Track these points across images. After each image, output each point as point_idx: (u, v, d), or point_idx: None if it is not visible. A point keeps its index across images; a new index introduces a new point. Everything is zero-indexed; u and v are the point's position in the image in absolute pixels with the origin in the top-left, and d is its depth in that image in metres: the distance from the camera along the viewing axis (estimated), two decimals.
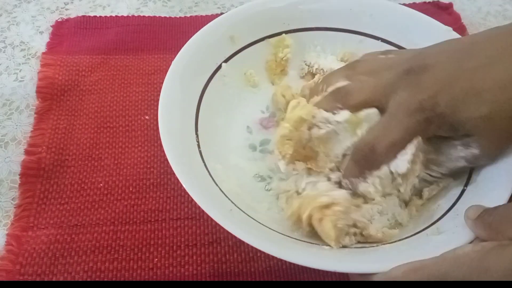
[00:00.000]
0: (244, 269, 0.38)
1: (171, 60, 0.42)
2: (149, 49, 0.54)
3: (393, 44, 0.47)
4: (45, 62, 0.51)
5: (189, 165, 0.37)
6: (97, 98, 0.49)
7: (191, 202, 0.40)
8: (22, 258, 0.38)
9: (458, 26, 0.58)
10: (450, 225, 0.35)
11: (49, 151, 0.44)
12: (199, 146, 0.39)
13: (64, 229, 0.39)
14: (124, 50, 0.53)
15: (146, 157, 0.45)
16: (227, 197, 0.36)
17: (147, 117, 0.48)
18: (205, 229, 0.40)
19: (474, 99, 0.33)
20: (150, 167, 0.44)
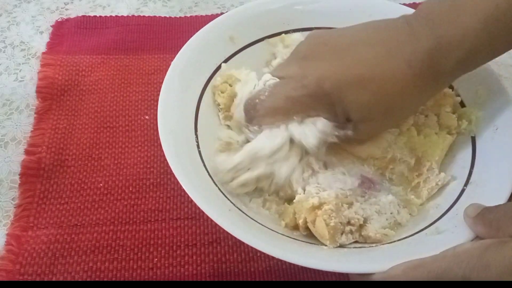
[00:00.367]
0: (244, 269, 0.38)
1: (171, 60, 0.42)
2: (149, 49, 0.54)
3: None
4: (45, 62, 0.51)
5: (189, 165, 0.37)
6: (97, 98, 0.49)
7: (191, 202, 0.40)
8: (22, 258, 0.38)
9: None
10: (450, 224, 0.35)
11: (49, 151, 0.44)
12: (198, 146, 0.39)
13: (64, 229, 0.40)
14: (124, 50, 0.54)
15: (146, 157, 0.45)
16: (226, 197, 0.36)
17: (147, 117, 0.48)
18: (205, 229, 0.40)
19: (360, 86, 0.35)
20: (150, 167, 0.44)
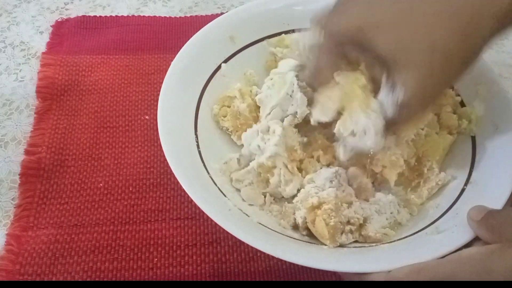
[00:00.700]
0: (244, 269, 0.38)
1: (171, 60, 0.42)
2: (149, 49, 0.54)
3: None
4: (45, 62, 0.51)
5: (188, 165, 0.37)
6: (97, 98, 0.49)
7: (191, 202, 0.40)
8: (22, 258, 0.38)
9: None
10: (450, 224, 0.35)
11: (49, 151, 0.44)
12: (198, 146, 0.39)
13: (64, 229, 0.40)
14: (124, 50, 0.54)
15: (146, 157, 0.45)
16: (226, 197, 0.36)
17: (147, 117, 0.48)
18: (205, 229, 0.40)
19: (392, 26, 0.33)
20: (150, 167, 0.44)
